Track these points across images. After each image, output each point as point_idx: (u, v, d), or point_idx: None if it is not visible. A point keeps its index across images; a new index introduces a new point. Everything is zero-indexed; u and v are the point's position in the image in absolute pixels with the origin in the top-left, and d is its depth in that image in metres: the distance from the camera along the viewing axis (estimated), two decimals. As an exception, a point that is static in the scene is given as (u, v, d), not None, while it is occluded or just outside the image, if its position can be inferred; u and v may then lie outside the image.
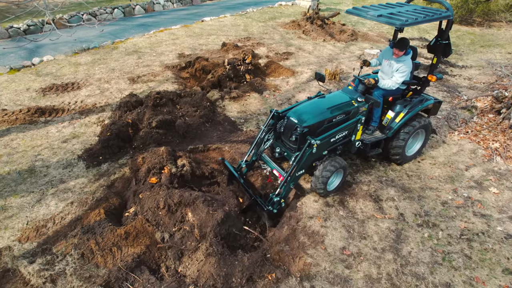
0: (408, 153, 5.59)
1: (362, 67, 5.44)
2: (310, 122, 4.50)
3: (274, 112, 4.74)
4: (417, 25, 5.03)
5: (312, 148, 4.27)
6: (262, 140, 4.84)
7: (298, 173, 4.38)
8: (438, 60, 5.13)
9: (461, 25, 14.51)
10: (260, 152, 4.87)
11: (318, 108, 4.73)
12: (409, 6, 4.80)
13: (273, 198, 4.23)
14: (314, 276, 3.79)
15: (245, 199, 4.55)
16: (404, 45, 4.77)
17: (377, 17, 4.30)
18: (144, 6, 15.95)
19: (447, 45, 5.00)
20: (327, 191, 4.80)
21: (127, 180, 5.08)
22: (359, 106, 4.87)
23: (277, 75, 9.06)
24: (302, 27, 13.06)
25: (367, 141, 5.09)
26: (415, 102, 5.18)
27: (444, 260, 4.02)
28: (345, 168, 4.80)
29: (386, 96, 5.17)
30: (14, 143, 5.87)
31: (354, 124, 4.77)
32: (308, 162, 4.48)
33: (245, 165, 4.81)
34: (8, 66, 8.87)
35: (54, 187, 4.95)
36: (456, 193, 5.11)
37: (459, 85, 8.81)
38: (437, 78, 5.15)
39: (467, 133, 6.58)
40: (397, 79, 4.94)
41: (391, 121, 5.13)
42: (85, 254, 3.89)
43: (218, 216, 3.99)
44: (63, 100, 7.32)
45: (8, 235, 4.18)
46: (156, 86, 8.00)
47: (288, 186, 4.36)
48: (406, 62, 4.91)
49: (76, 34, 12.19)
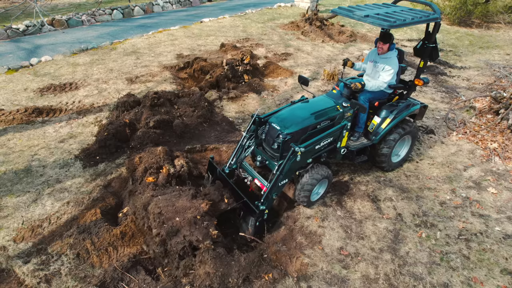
0: (394, 160, 5.40)
1: (345, 66, 5.21)
2: (293, 129, 4.25)
3: (256, 117, 4.50)
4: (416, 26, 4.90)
5: (296, 156, 4.02)
6: (243, 147, 4.62)
7: (281, 182, 4.10)
8: (425, 64, 4.98)
9: (460, 27, 14.53)
10: (240, 160, 4.62)
11: (302, 114, 4.48)
12: (396, 7, 4.64)
13: (259, 206, 3.94)
14: (311, 276, 3.76)
15: (231, 201, 4.14)
16: (387, 37, 4.63)
17: (363, 18, 4.14)
18: (143, 7, 15.95)
19: (434, 48, 4.83)
20: (311, 202, 4.60)
21: (124, 180, 5.05)
22: (344, 112, 4.66)
23: (275, 76, 9.05)
24: (301, 28, 13.06)
25: (353, 147, 4.90)
26: (401, 107, 5.00)
27: (442, 261, 4.00)
28: (330, 177, 4.60)
29: (372, 101, 4.96)
30: (10, 143, 5.85)
31: (339, 130, 4.53)
32: (292, 170, 4.22)
33: (228, 171, 4.52)
34: (6, 67, 8.84)
35: (50, 187, 4.92)
36: (455, 193, 5.09)
37: (458, 86, 8.81)
38: (424, 82, 4.98)
39: (465, 133, 6.57)
40: (384, 78, 4.78)
41: (377, 127, 4.94)
42: (81, 254, 3.86)
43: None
44: (60, 100, 7.30)
45: (3, 235, 4.15)
46: (154, 86, 7.98)
47: (271, 197, 4.08)
48: (392, 60, 4.76)
49: (74, 35, 12.24)
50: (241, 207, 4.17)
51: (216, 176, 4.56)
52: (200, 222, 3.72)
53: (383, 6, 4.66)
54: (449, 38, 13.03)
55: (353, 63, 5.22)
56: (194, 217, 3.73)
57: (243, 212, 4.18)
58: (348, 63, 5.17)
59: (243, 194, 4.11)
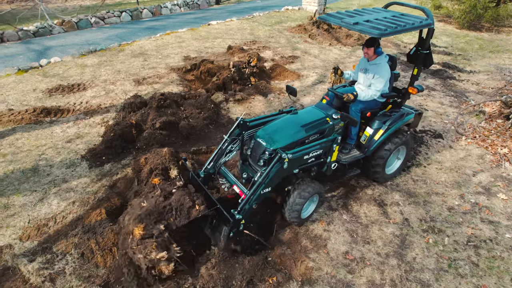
0: (389, 171, 5.17)
1: (335, 74, 4.95)
2: (280, 145, 3.99)
3: (240, 120, 4.19)
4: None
5: (283, 163, 3.70)
6: (223, 151, 4.30)
7: (263, 191, 3.72)
8: (419, 71, 4.71)
9: (470, 31, 14.38)
10: (219, 165, 4.31)
11: (289, 128, 4.22)
12: (387, 12, 4.35)
13: (235, 215, 3.53)
14: (315, 280, 3.71)
15: (203, 208, 3.63)
16: (371, 41, 4.42)
17: (352, 25, 3.87)
18: (152, 9, 16.10)
19: (427, 55, 4.57)
20: (302, 219, 4.32)
21: (129, 181, 5.06)
22: (334, 124, 4.40)
23: (282, 78, 9.03)
24: (308, 31, 13.05)
25: (344, 161, 4.61)
26: (395, 117, 4.74)
27: (450, 267, 3.92)
28: (321, 193, 4.38)
29: (364, 111, 4.71)
30: (19, 143, 5.91)
31: (329, 144, 4.25)
32: (277, 179, 3.83)
33: (203, 176, 4.19)
34: (17, 67, 8.97)
35: (56, 187, 4.95)
36: (463, 198, 5.00)
37: (467, 90, 8.69)
38: (418, 90, 4.75)
39: (474, 138, 6.46)
40: (376, 87, 4.54)
41: (369, 138, 4.69)
42: (85, 253, 3.87)
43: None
44: (68, 100, 7.37)
45: (10, 233, 4.18)
46: (161, 88, 8.02)
47: (251, 205, 3.70)
48: (382, 66, 4.52)
49: (84, 37, 12.39)
50: (214, 215, 3.79)
51: (187, 180, 4.15)
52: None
53: (373, 12, 4.41)
54: (458, 42, 12.90)
55: (342, 71, 4.98)
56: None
57: (215, 221, 3.80)
58: (338, 72, 4.93)
59: (217, 201, 3.72)
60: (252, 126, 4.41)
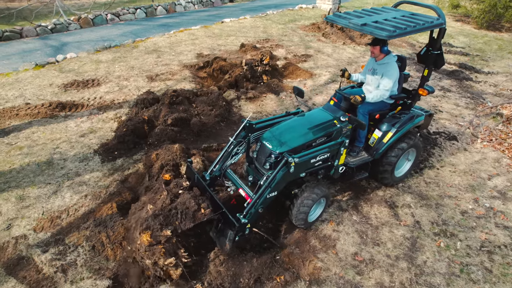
0: (398, 174, 5.06)
1: (343, 76, 4.84)
2: (287, 148, 3.94)
3: (246, 122, 4.15)
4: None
5: (290, 167, 3.65)
6: (229, 153, 4.23)
7: (269, 195, 3.66)
8: (429, 72, 4.58)
9: (489, 31, 14.01)
10: (225, 167, 4.25)
11: (296, 131, 4.16)
12: (396, 12, 4.19)
13: (241, 219, 3.48)
14: (323, 280, 3.69)
15: (209, 212, 3.63)
16: (377, 39, 4.26)
17: (360, 26, 3.75)
18: (166, 7, 16.21)
19: (439, 55, 4.42)
20: (308, 223, 4.26)
21: (140, 176, 5.12)
22: (342, 127, 4.30)
23: (294, 77, 8.98)
24: (322, 30, 12.93)
25: (352, 164, 4.52)
26: (404, 120, 4.63)
27: (462, 272, 3.84)
28: (328, 196, 4.33)
29: (373, 113, 4.60)
30: (35, 136, 6.04)
31: (337, 147, 4.16)
32: (283, 183, 3.78)
33: (208, 178, 4.13)
34: (34, 63, 9.17)
35: (70, 180, 5.04)
36: (477, 202, 4.89)
37: (484, 92, 8.49)
38: (429, 92, 4.61)
39: (491, 141, 6.31)
40: (385, 86, 4.40)
41: (378, 141, 4.58)
42: (96, 246, 3.94)
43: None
44: (83, 96, 7.49)
45: (25, 224, 4.28)
46: (173, 84, 8.08)
47: (257, 210, 3.64)
48: (391, 65, 4.41)
49: (99, 33, 12.57)
50: (220, 219, 3.73)
51: (193, 183, 4.08)
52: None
53: (383, 12, 4.27)
54: (476, 42, 12.59)
55: (349, 74, 4.88)
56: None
57: (221, 225, 3.73)
58: (345, 74, 4.83)
59: (223, 205, 3.68)
60: (258, 128, 4.36)
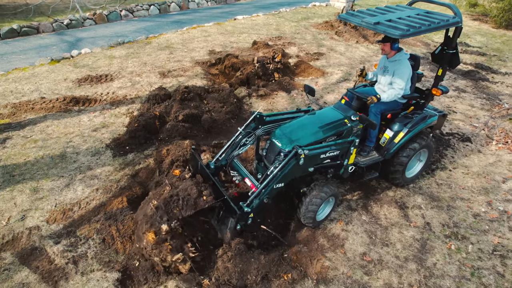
0: (409, 175, 4.99)
1: (361, 75, 4.77)
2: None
3: (257, 114, 4.15)
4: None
5: (299, 159, 3.62)
6: (237, 144, 4.21)
7: (276, 185, 3.64)
8: (443, 72, 4.47)
9: (508, 30, 13.66)
10: (232, 157, 4.21)
11: (306, 129, 4.14)
12: (411, 10, 4.13)
13: (244, 207, 3.46)
14: (331, 280, 3.67)
15: (210, 199, 3.62)
16: (387, 36, 4.14)
17: (373, 25, 3.69)
18: (179, 3, 16.30)
19: (454, 54, 4.31)
20: (316, 222, 4.23)
21: (151, 171, 5.18)
22: (353, 126, 4.27)
23: (306, 75, 8.93)
24: (335, 28, 12.82)
25: (362, 164, 4.48)
26: (416, 120, 4.55)
27: (473, 276, 3.78)
28: (337, 195, 4.28)
29: (385, 113, 4.55)
30: (49, 130, 6.16)
31: (347, 145, 4.13)
32: (291, 175, 3.76)
33: (213, 167, 4.12)
34: (50, 58, 9.34)
35: (82, 173, 5.13)
36: (491, 205, 4.79)
37: (501, 93, 8.29)
38: (442, 91, 4.50)
39: (506, 143, 6.16)
40: (399, 85, 4.35)
41: (389, 141, 4.52)
42: (106, 239, 4.00)
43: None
44: (96, 91, 7.61)
45: (38, 215, 4.38)
46: (185, 81, 8.13)
47: (262, 200, 3.61)
48: (402, 62, 4.34)
49: (113, 29, 12.73)
50: (222, 207, 3.74)
51: (196, 170, 4.11)
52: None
53: (396, 10, 4.21)
54: (494, 42, 12.29)
55: (366, 73, 4.81)
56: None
57: (222, 212, 3.74)
58: (363, 73, 4.77)
59: (225, 193, 3.67)
60: (268, 121, 4.36)
